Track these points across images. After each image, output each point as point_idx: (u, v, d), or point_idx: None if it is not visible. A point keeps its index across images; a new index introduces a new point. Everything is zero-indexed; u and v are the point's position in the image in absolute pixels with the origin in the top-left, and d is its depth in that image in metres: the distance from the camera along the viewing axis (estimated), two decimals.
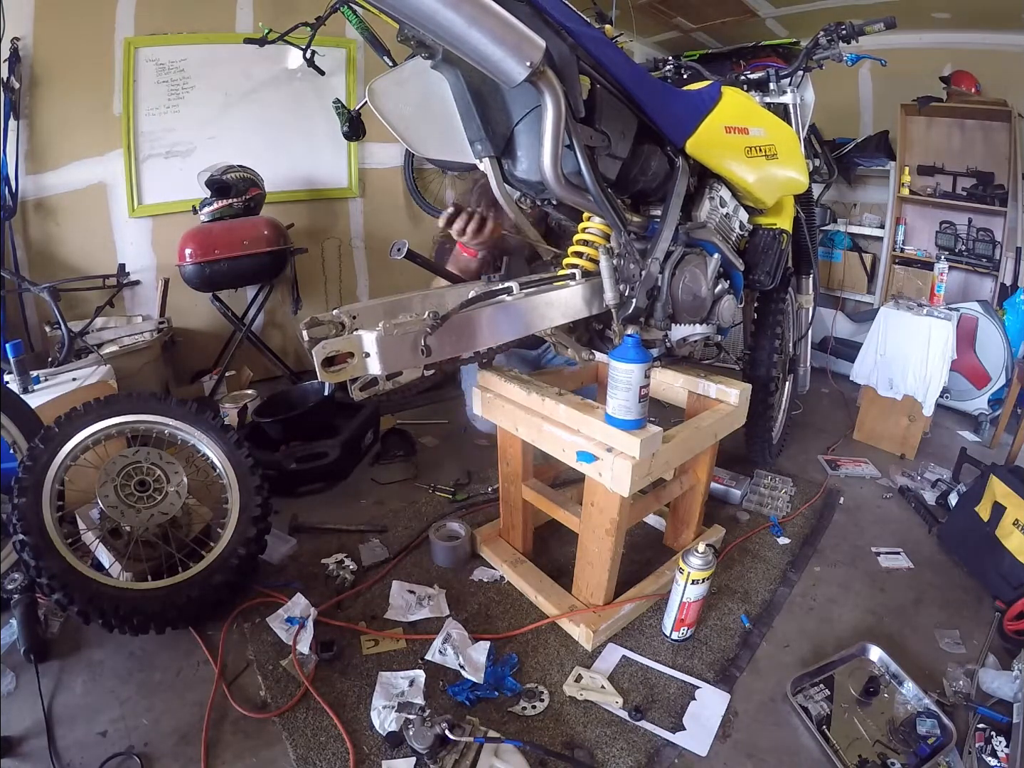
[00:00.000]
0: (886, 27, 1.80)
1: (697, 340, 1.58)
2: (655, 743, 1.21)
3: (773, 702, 1.31)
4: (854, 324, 3.42)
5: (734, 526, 1.93)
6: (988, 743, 1.19)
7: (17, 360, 1.83)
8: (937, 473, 2.26)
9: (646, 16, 3.48)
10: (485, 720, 1.22)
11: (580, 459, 1.32)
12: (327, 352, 0.99)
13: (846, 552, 1.85)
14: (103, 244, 2.77)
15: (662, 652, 1.44)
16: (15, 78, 2.39)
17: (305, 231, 3.16)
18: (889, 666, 1.38)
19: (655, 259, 1.41)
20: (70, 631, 1.43)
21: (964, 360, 2.72)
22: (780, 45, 3.01)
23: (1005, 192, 3.06)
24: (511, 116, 1.24)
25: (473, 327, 1.17)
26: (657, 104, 1.34)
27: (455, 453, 2.41)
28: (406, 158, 3.38)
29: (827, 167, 3.46)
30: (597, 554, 1.43)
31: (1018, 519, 1.61)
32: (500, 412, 1.54)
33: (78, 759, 1.14)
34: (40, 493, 1.36)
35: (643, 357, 1.20)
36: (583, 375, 1.82)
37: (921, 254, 3.37)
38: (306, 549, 1.77)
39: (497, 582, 1.66)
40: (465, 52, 0.95)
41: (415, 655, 1.39)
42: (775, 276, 1.70)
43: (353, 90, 3.20)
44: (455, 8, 0.89)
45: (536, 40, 0.97)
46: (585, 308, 1.38)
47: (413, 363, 1.10)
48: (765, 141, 1.58)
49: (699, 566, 1.36)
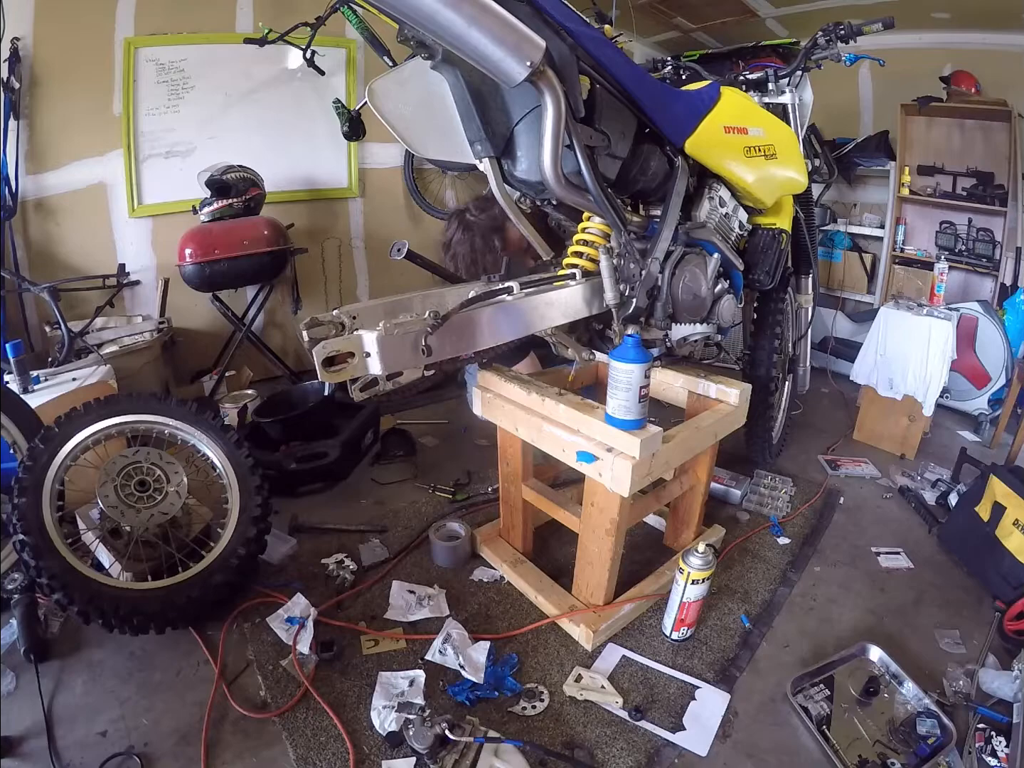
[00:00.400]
0: (884, 27, 1.80)
1: (697, 340, 1.58)
2: (655, 743, 1.21)
3: (773, 702, 1.31)
4: (854, 324, 3.42)
5: (734, 526, 1.93)
6: (988, 743, 1.19)
7: (17, 360, 1.83)
8: (937, 473, 2.26)
9: (646, 16, 3.48)
10: (485, 720, 1.22)
11: (580, 459, 1.32)
12: (327, 352, 0.99)
13: (846, 552, 1.85)
14: (103, 244, 2.77)
15: (662, 652, 1.44)
16: (15, 78, 2.39)
17: (305, 231, 3.16)
18: (889, 666, 1.38)
19: (655, 259, 1.41)
20: (70, 631, 1.43)
21: (964, 360, 2.72)
22: (780, 45, 3.01)
23: (1005, 192, 3.06)
24: (511, 116, 1.24)
25: (473, 327, 1.17)
26: (656, 104, 1.34)
27: (455, 453, 2.41)
28: (406, 158, 3.38)
29: (827, 167, 3.45)
30: (597, 554, 1.43)
31: (1018, 519, 1.61)
32: (500, 412, 1.54)
33: (78, 759, 1.14)
34: (40, 493, 1.36)
35: (643, 357, 1.20)
36: (583, 375, 1.82)
37: (921, 254, 3.36)
38: (306, 549, 1.77)
39: (497, 582, 1.66)
40: (465, 52, 0.95)
41: (415, 655, 1.39)
42: (775, 276, 1.70)
43: (353, 90, 3.20)
44: (455, 8, 0.89)
45: (536, 40, 0.97)
46: (585, 308, 1.38)
47: (414, 363, 1.10)
48: (764, 141, 1.58)
49: (699, 566, 1.37)
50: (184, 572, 1.41)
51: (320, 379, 0.99)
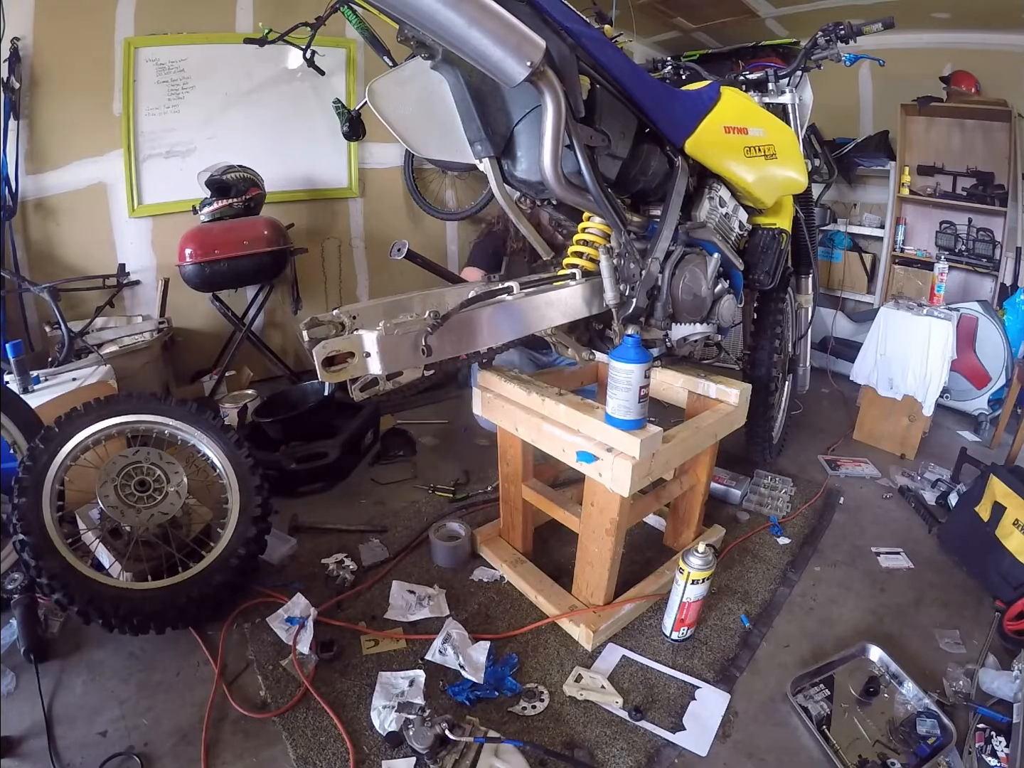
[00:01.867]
0: (884, 27, 1.81)
1: (697, 340, 1.58)
2: (655, 743, 1.21)
3: (773, 702, 1.31)
4: (854, 324, 3.42)
5: (734, 526, 1.93)
6: (988, 743, 1.19)
7: (17, 360, 1.83)
8: (937, 473, 2.26)
9: (646, 16, 3.48)
10: (485, 720, 1.22)
11: (580, 459, 1.32)
12: (328, 352, 0.99)
13: (846, 552, 1.84)
14: (103, 244, 2.77)
15: (662, 652, 1.44)
16: (15, 78, 2.38)
17: (305, 231, 3.16)
18: (889, 666, 1.38)
19: (655, 259, 1.41)
20: (70, 631, 1.43)
21: (964, 360, 2.72)
22: (780, 45, 3.02)
23: (1005, 192, 3.06)
24: (511, 116, 1.24)
25: (474, 327, 1.17)
26: (656, 104, 1.34)
27: (455, 453, 2.41)
28: (406, 158, 3.38)
29: (827, 167, 3.45)
30: (597, 554, 1.43)
31: (1018, 519, 1.61)
32: (500, 412, 1.54)
33: (78, 759, 1.14)
34: (40, 493, 1.36)
35: (643, 357, 1.20)
36: (583, 375, 1.82)
37: (921, 254, 3.37)
38: (306, 549, 1.77)
39: (497, 582, 1.66)
40: (466, 52, 0.95)
41: (415, 655, 1.39)
42: (775, 276, 1.70)
43: (353, 90, 3.19)
44: (455, 8, 0.89)
45: (536, 40, 0.97)
46: (585, 308, 1.38)
47: (414, 363, 1.10)
48: (764, 141, 1.58)
49: (699, 566, 1.36)
50: (184, 572, 1.41)
51: (320, 379, 0.99)
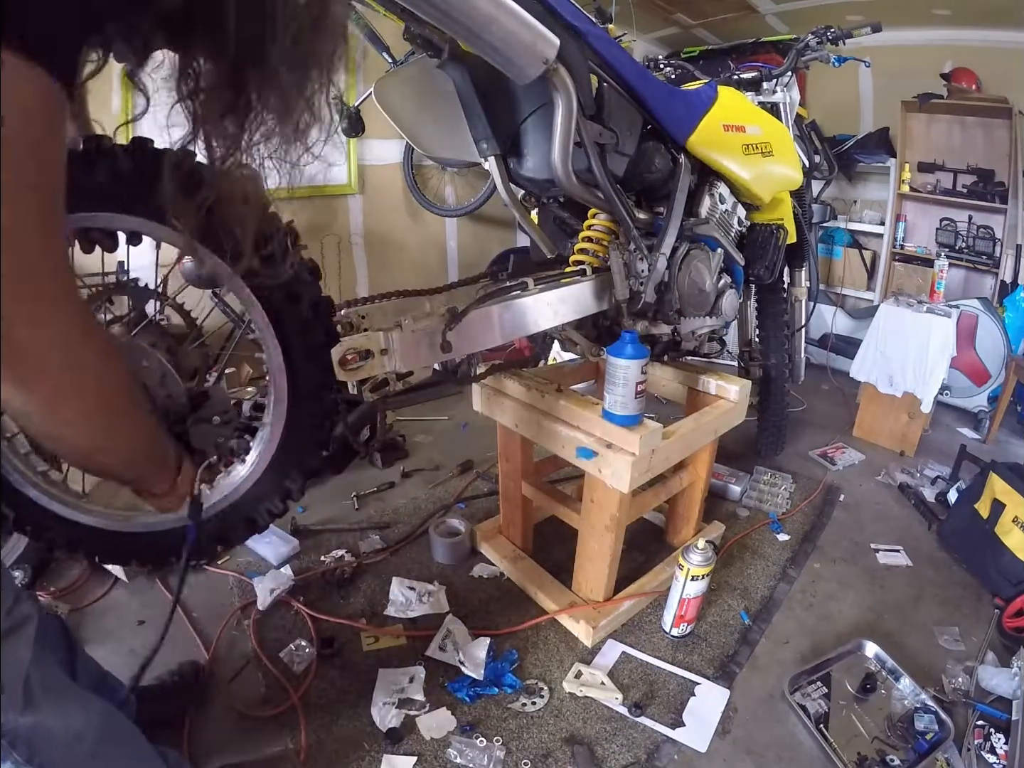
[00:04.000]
0: (872, 31, 1.86)
1: (703, 333, 1.59)
2: (655, 739, 1.21)
3: (772, 698, 1.31)
4: (854, 321, 3.42)
5: (734, 522, 1.93)
6: (987, 740, 1.20)
7: None
8: (937, 470, 2.27)
9: (646, 12, 3.46)
10: (485, 716, 1.22)
11: (580, 455, 1.32)
12: (344, 350, 0.99)
13: (846, 549, 1.85)
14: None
15: (662, 648, 1.44)
16: None
17: (304, 228, 3.14)
18: (885, 662, 1.38)
19: (662, 254, 1.41)
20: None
21: (964, 357, 2.72)
22: (780, 41, 3.00)
23: (1005, 189, 3.06)
24: (517, 114, 1.25)
25: (490, 322, 1.18)
26: (660, 102, 1.35)
27: (454, 450, 2.41)
28: (405, 154, 3.36)
29: (827, 164, 3.45)
30: (597, 550, 1.43)
31: (1017, 516, 1.61)
32: (500, 408, 1.54)
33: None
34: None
35: (639, 353, 1.20)
36: (583, 371, 1.82)
37: (921, 251, 3.36)
38: (306, 547, 1.77)
39: (497, 578, 1.66)
40: (482, 49, 0.95)
41: (415, 652, 1.39)
42: (774, 270, 1.72)
43: (352, 86, 3.18)
44: (474, 5, 0.89)
45: (551, 38, 0.97)
46: (595, 303, 1.39)
47: (431, 360, 1.11)
48: (761, 139, 1.59)
49: (699, 562, 1.37)
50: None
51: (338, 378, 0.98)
